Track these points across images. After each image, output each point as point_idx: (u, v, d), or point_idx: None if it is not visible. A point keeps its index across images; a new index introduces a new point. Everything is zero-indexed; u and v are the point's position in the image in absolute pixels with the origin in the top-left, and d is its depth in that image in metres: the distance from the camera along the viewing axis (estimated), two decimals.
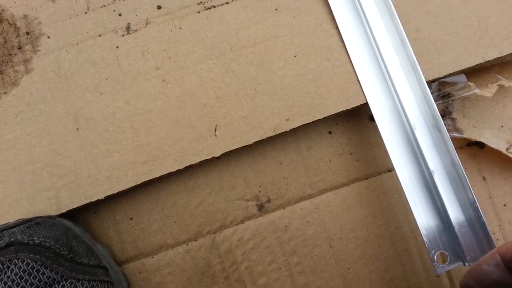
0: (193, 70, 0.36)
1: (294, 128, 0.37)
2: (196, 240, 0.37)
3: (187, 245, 0.37)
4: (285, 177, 0.38)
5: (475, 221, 0.32)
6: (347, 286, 0.38)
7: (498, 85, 0.37)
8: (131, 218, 0.37)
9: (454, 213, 0.33)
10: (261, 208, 0.38)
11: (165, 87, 0.36)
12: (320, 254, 0.38)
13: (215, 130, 0.35)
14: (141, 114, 0.35)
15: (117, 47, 0.37)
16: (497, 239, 0.40)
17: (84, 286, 0.30)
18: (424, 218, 0.34)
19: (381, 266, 0.38)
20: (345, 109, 0.36)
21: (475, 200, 0.32)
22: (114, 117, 0.35)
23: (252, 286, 0.37)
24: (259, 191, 0.38)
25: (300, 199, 0.39)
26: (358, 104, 0.36)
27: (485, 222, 0.32)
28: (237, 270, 0.37)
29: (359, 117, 0.40)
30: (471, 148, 0.41)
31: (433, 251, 0.33)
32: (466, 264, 0.32)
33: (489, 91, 0.36)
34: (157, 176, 0.34)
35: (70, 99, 0.35)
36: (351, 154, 0.39)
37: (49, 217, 0.33)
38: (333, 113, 0.36)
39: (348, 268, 0.38)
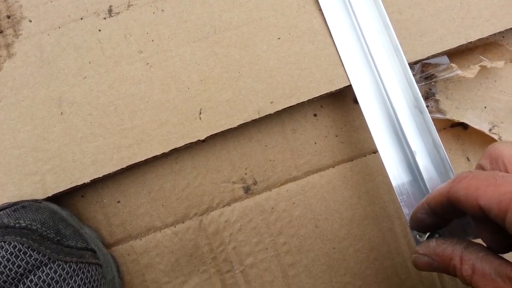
0: (176, 53, 0.36)
1: (279, 111, 0.37)
2: (183, 222, 0.38)
3: (175, 227, 0.38)
4: (270, 160, 0.39)
5: None
6: (332, 265, 0.39)
7: (480, 66, 0.38)
8: (118, 202, 0.37)
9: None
10: (248, 190, 0.38)
11: (148, 71, 0.36)
12: (306, 234, 0.39)
13: (200, 114, 0.35)
14: (125, 98, 0.36)
15: (99, 30, 0.36)
16: None
17: (72, 268, 0.31)
18: (407, 199, 0.34)
19: (365, 245, 0.39)
20: (328, 91, 0.36)
21: None
22: (98, 101, 0.36)
23: (239, 266, 0.38)
24: (245, 174, 0.38)
25: (286, 181, 0.39)
26: (342, 86, 0.37)
27: None
28: (224, 250, 0.38)
29: (344, 99, 0.40)
30: (454, 129, 0.41)
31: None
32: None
33: (471, 72, 0.37)
34: (143, 159, 0.35)
35: (53, 83, 0.35)
36: (336, 136, 0.40)
37: (35, 200, 0.33)
38: (317, 95, 0.36)
39: (334, 248, 0.39)
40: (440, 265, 0.27)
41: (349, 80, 0.37)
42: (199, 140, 0.35)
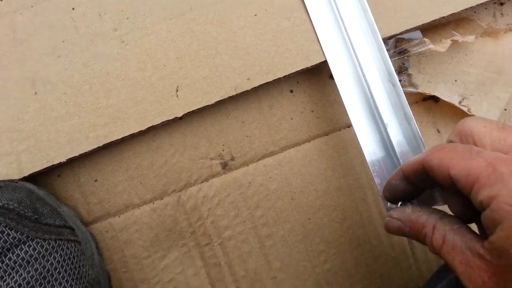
0: (152, 31, 0.36)
1: (255, 88, 0.37)
2: (162, 199, 0.38)
3: (153, 203, 0.38)
4: (248, 136, 0.39)
5: None
6: (308, 235, 0.40)
7: (452, 40, 0.38)
8: (96, 180, 0.37)
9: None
10: (225, 166, 0.39)
11: (123, 49, 0.35)
12: (282, 206, 0.40)
13: (177, 91, 0.35)
14: (100, 76, 0.35)
15: (73, 8, 0.35)
16: None
17: (51, 246, 0.31)
18: (378, 169, 0.35)
19: (339, 215, 0.41)
20: (304, 67, 0.37)
21: None
22: (73, 80, 0.35)
23: (218, 239, 0.39)
24: (223, 150, 0.39)
25: (263, 156, 0.40)
26: (318, 62, 0.37)
27: None
28: (203, 225, 0.39)
29: (320, 75, 0.40)
30: (426, 103, 0.42)
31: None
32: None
33: (442, 46, 0.38)
34: (119, 137, 0.35)
35: (27, 63, 0.34)
36: (312, 111, 0.40)
37: (12, 180, 0.33)
38: (293, 71, 0.37)
39: (309, 218, 0.40)
40: (412, 231, 0.28)
41: (324, 56, 0.37)
42: (176, 117, 0.35)
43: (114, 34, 0.36)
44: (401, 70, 0.39)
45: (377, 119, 0.36)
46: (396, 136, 0.35)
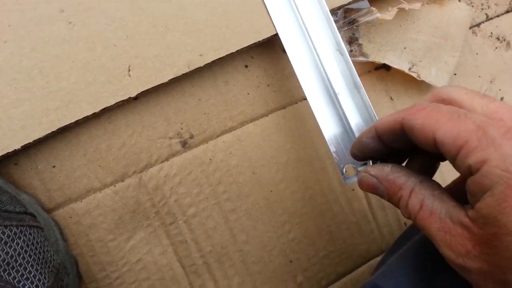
0: (100, 10, 0.35)
1: (210, 64, 0.38)
2: (123, 181, 0.38)
3: (115, 186, 0.38)
4: (205, 113, 0.39)
5: None
6: (271, 207, 0.41)
7: (398, 8, 0.39)
8: (54, 166, 0.37)
9: (359, 131, 0.36)
10: (185, 144, 0.39)
11: (71, 30, 0.35)
12: (244, 181, 0.40)
13: (129, 71, 0.35)
14: (49, 60, 0.34)
15: None
16: None
17: (13, 232, 0.31)
18: (334, 139, 0.36)
19: (301, 186, 0.42)
20: (256, 41, 0.37)
21: (376, 118, 0.35)
22: (21, 65, 0.34)
23: (182, 216, 0.39)
24: (181, 128, 0.39)
25: (222, 132, 0.40)
26: (269, 35, 0.37)
27: None
28: (166, 204, 0.39)
29: (273, 49, 0.41)
30: (378, 71, 0.44)
31: (341, 165, 0.36)
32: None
33: (389, 14, 0.39)
34: (73, 121, 0.34)
35: None
36: (268, 85, 0.41)
37: None
38: (245, 45, 0.37)
39: (271, 191, 0.41)
40: (386, 191, 0.26)
41: (275, 29, 0.37)
42: (130, 97, 0.35)
43: (61, 15, 0.35)
44: (351, 40, 0.40)
45: (329, 89, 0.37)
46: (347, 103, 0.36)
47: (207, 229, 0.40)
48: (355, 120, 0.36)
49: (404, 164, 0.31)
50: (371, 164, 0.31)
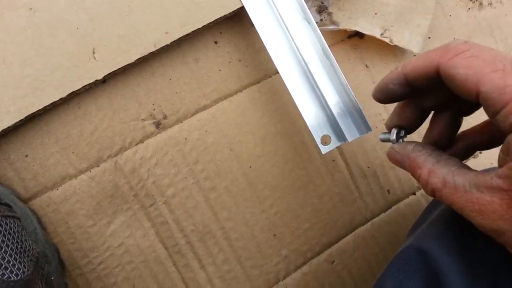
0: None
1: (178, 42, 0.37)
2: (98, 166, 0.38)
3: (90, 172, 0.38)
4: (177, 92, 0.39)
5: (350, 104, 0.35)
6: (251, 182, 0.41)
7: None
8: (26, 155, 0.36)
9: (332, 99, 0.35)
10: (159, 125, 0.39)
11: (33, 16, 0.34)
12: (222, 158, 0.40)
13: (94, 53, 0.34)
14: (12, 47, 0.34)
15: None
16: (384, 119, 0.44)
17: None
18: (308, 109, 0.36)
19: (280, 159, 0.41)
20: (222, 15, 0.36)
21: (347, 85, 0.35)
22: None
23: (162, 198, 0.39)
24: (154, 109, 0.39)
25: (196, 111, 0.40)
26: (234, 8, 0.37)
27: (358, 104, 0.35)
28: (144, 186, 0.39)
29: (242, 23, 0.40)
30: (352, 40, 0.43)
31: (317, 135, 0.36)
32: (347, 141, 0.36)
33: None
34: (41, 107, 0.34)
35: None
36: (240, 61, 0.40)
37: None
38: (212, 20, 0.36)
39: (250, 167, 0.41)
40: (409, 168, 0.27)
41: (241, 2, 0.37)
42: (97, 80, 0.35)
43: (21, 2, 0.34)
44: (321, 9, 0.40)
45: (300, 60, 0.36)
46: (318, 73, 0.36)
47: (188, 209, 0.40)
48: (327, 89, 0.36)
49: (430, 118, 0.30)
50: (394, 136, 0.30)
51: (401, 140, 0.30)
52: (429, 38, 0.44)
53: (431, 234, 0.30)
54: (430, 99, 0.27)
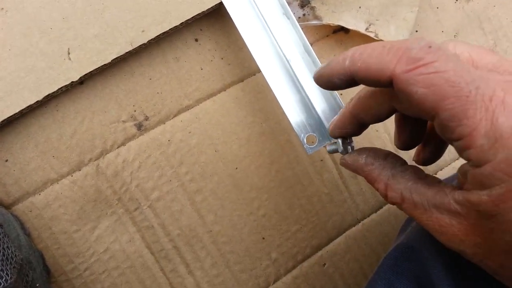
0: None
1: (156, 41, 0.36)
2: (80, 170, 0.37)
3: (72, 176, 0.37)
4: (158, 92, 0.38)
5: (334, 102, 0.34)
6: (237, 184, 0.40)
7: None
8: (6, 160, 0.36)
9: (315, 98, 0.34)
10: (140, 127, 0.38)
11: (4, 16, 0.33)
12: (207, 160, 0.39)
13: (68, 54, 0.34)
14: None
15: None
16: None
17: None
18: (292, 108, 0.35)
19: (266, 160, 0.40)
20: (200, 11, 0.36)
21: None
22: None
23: (146, 201, 0.38)
24: (135, 111, 0.38)
25: (178, 111, 0.39)
26: (213, 4, 0.36)
27: (342, 103, 0.34)
28: (128, 190, 0.38)
29: (223, 19, 0.39)
30: (337, 35, 0.42)
31: (302, 135, 0.34)
32: (332, 141, 0.35)
33: None
34: (17, 111, 0.33)
35: None
36: (222, 59, 0.40)
37: None
38: (189, 17, 0.36)
39: (236, 168, 0.40)
40: (366, 180, 0.26)
41: None
42: (73, 82, 0.34)
43: None
44: (303, 4, 0.39)
45: (281, 57, 0.35)
46: (300, 70, 0.35)
47: (173, 212, 0.39)
48: (310, 87, 0.35)
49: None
50: (341, 146, 0.29)
51: (349, 147, 0.29)
52: (416, 31, 0.43)
53: (421, 232, 0.29)
54: (375, 112, 0.24)
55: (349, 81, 0.23)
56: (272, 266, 0.41)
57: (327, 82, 0.25)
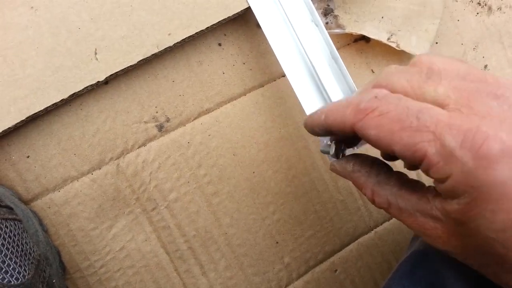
0: None
1: (181, 44, 0.37)
2: (100, 168, 0.37)
3: (92, 174, 0.37)
4: (180, 95, 0.39)
5: None
6: (254, 188, 0.40)
7: None
8: (28, 156, 0.36)
9: None
10: (161, 128, 0.38)
11: (34, 15, 0.34)
12: (225, 163, 0.40)
13: (96, 54, 0.34)
14: (13, 46, 0.34)
15: None
16: None
17: None
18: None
19: (283, 165, 0.41)
20: (227, 17, 0.36)
21: (355, 89, 0.34)
22: None
23: (164, 202, 0.39)
24: (156, 112, 0.38)
25: (199, 114, 0.39)
26: (239, 10, 0.36)
27: None
28: (146, 190, 0.38)
29: (247, 25, 0.40)
30: (358, 44, 0.42)
31: (324, 141, 0.35)
32: (356, 148, 0.35)
33: None
34: (42, 108, 0.34)
35: None
36: (244, 63, 0.40)
37: None
38: (215, 22, 0.36)
39: (253, 172, 0.40)
40: (355, 186, 0.27)
41: (247, 3, 0.36)
42: (99, 82, 0.34)
43: (22, 0, 0.34)
44: (326, 12, 0.39)
45: (307, 63, 0.36)
46: (326, 77, 0.35)
47: (190, 214, 0.39)
48: (335, 93, 0.35)
49: None
50: (333, 151, 0.30)
51: (341, 153, 0.30)
52: (437, 43, 0.43)
53: None
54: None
55: (327, 131, 0.26)
56: (285, 270, 0.42)
57: (311, 130, 0.28)
